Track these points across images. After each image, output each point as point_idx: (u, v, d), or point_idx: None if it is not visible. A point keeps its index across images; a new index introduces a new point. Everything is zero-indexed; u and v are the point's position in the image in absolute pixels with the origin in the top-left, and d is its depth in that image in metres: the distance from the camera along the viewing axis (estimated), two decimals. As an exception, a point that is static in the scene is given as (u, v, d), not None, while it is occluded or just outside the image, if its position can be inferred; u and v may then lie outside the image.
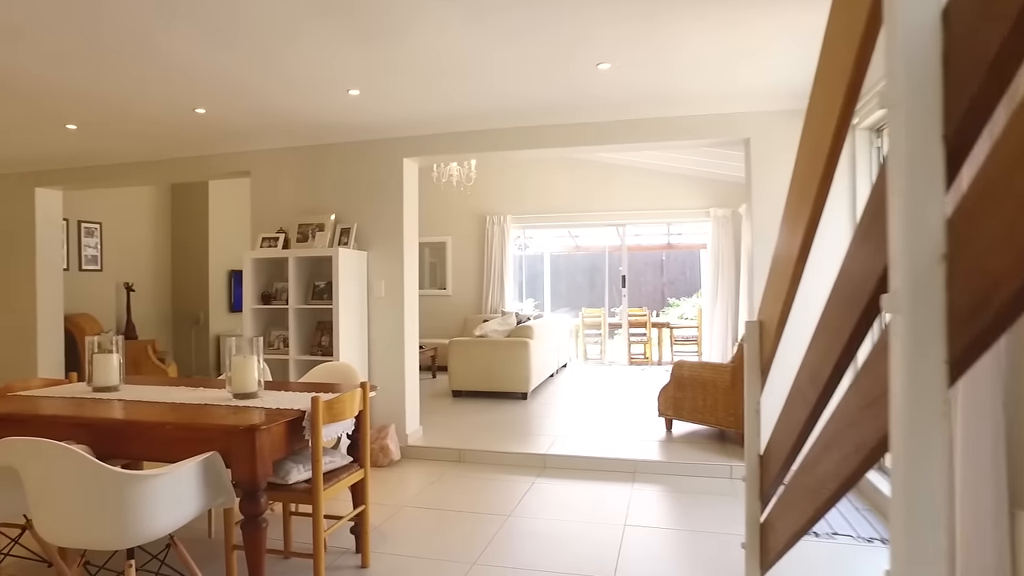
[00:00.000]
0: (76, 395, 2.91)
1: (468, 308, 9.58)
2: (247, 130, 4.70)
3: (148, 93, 3.79)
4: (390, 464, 4.52)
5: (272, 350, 4.92)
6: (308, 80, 3.60)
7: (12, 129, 4.59)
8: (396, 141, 4.86)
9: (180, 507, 2.12)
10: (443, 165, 7.68)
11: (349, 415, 2.72)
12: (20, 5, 2.62)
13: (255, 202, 5.25)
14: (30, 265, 5.98)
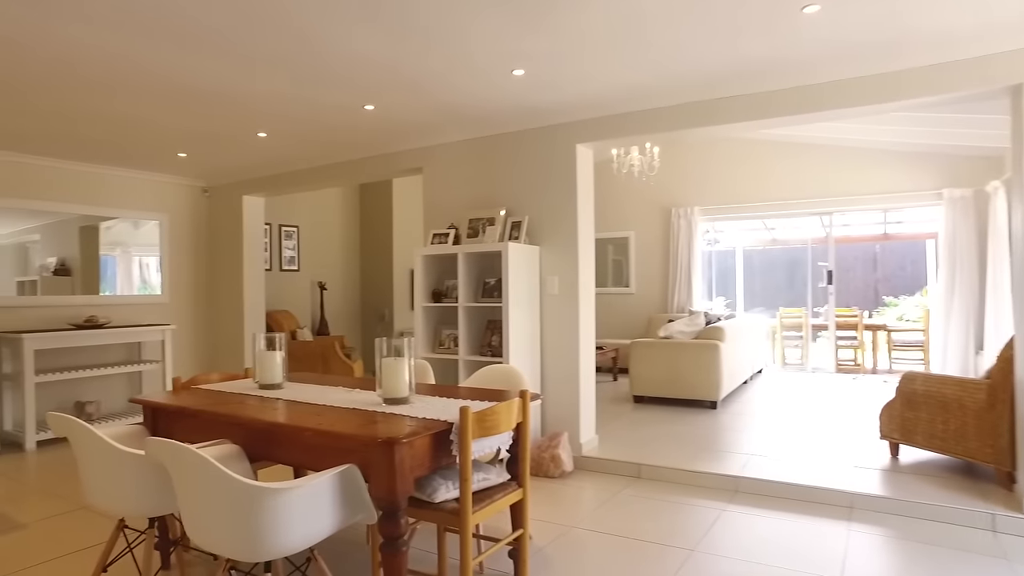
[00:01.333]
0: (243, 391, 2.92)
1: (652, 307, 8.99)
2: (416, 125, 4.62)
3: (319, 93, 3.81)
4: (561, 476, 4.17)
5: (442, 349, 4.81)
6: (469, 62, 3.36)
7: (216, 141, 4.96)
8: (567, 126, 4.50)
9: (314, 523, 1.93)
10: (624, 155, 7.20)
11: (504, 428, 2.39)
12: (204, 18, 2.66)
13: (427, 198, 5.20)
14: (239, 266, 6.53)
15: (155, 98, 3.89)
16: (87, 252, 6.03)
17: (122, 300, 6.15)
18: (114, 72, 3.43)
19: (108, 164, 5.88)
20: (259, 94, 3.85)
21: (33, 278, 5.68)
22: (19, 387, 5.02)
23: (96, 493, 2.31)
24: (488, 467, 2.52)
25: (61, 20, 2.79)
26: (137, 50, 3.13)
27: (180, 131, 4.70)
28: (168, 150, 5.33)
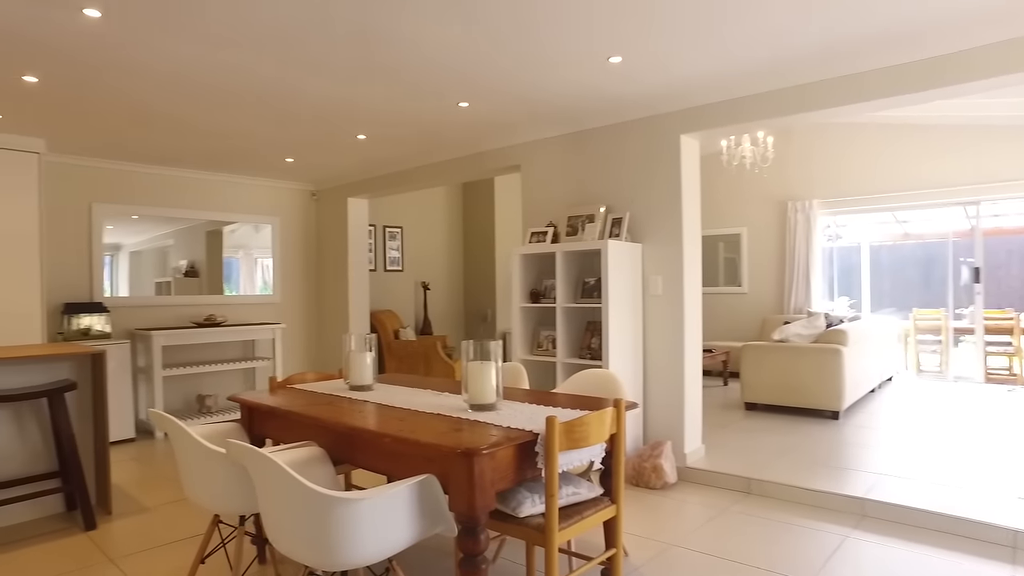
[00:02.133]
0: (333, 392, 2.92)
1: (767, 308, 8.43)
2: (512, 121, 4.52)
3: (411, 93, 3.79)
4: (663, 487, 3.92)
5: (540, 351, 4.68)
6: (562, 51, 3.20)
7: (319, 146, 5.10)
8: (669, 116, 4.23)
9: (389, 534, 1.84)
10: (734, 146, 6.77)
11: (595, 440, 2.22)
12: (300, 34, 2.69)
13: (526, 196, 5.09)
14: (344, 267, 6.72)
15: (260, 109, 4.03)
16: (212, 255, 6.42)
17: (239, 300, 6.49)
18: (224, 87, 3.57)
19: (227, 172, 6.22)
20: (354, 98, 3.88)
21: (168, 279, 6.13)
22: (150, 380, 5.40)
23: (191, 488, 2.37)
24: (579, 481, 2.36)
25: (178, 40, 2.90)
26: (244, 66, 3.23)
27: (285, 139, 4.87)
28: (276, 157, 5.55)
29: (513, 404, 2.57)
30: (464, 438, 1.99)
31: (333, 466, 2.37)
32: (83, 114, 4.15)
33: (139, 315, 5.81)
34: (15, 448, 3.46)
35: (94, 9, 2.70)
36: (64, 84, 3.58)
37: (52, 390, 3.33)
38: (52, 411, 3.36)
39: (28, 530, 3.36)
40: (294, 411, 2.52)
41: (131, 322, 5.74)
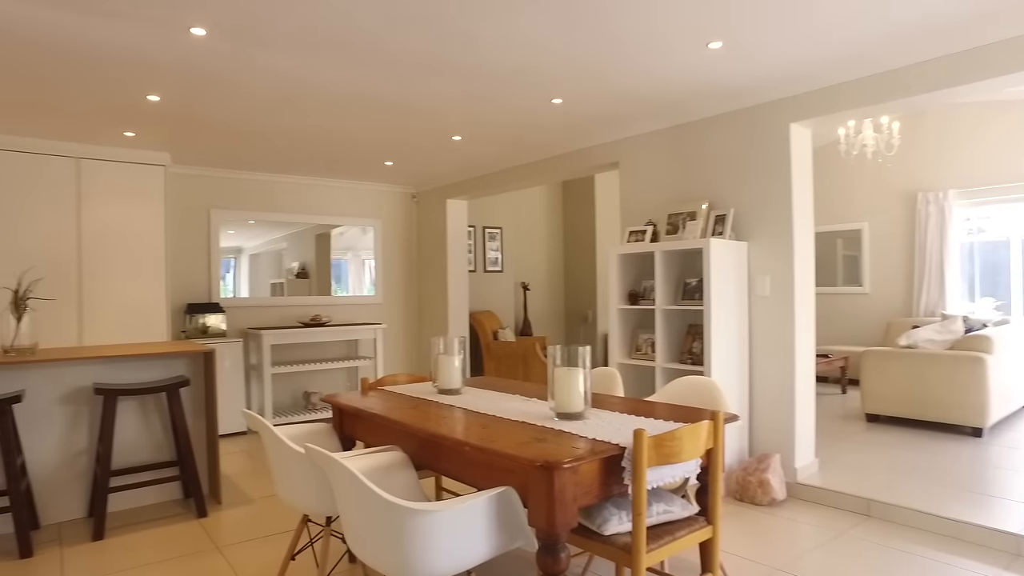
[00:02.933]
0: (421, 395, 2.90)
1: (892, 310, 7.72)
2: (608, 116, 4.36)
3: (503, 91, 3.73)
4: (771, 504, 3.63)
5: (639, 355, 4.49)
6: (657, 39, 3.02)
7: (416, 148, 5.16)
8: (777, 104, 3.92)
9: (465, 547, 1.77)
10: (853, 134, 6.23)
11: (689, 455, 2.04)
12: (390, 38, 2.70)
13: (624, 194, 4.91)
14: (443, 268, 6.80)
15: (360, 114, 4.11)
16: (321, 257, 6.70)
17: (343, 301, 6.72)
18: (325, 94, 3.66)
19: (332, 177, 6.46)
20: (447, 99, 3.87)
21: (281, 280, 6.46)
22: (261, 376, 5.69)
23: (280, 487, 2.41)
24: (671, 498, 2.19)
25: (278, 51, 3.00)
26: (344, 73, 3.29)
27: (384, 142, 4.96)
28: (377, 160, 5.68)
29: (602, 413, 2.44)
30: (546, 450, 1.88)
31: (415, 472, 2.33)
32: (200, 128, 4.41)
33: (252, 315, 6.14)
34: (141, 437, 3.73)
35: (200, 28, 2.83)
36: (181, 101, 3.80)
37: (169, 385, 3.55)
38: (170, 405, 3.58)
39: (150, 512, 3.61)
40: (379, 414, 2.51)
41: (244, 321, 6.08)
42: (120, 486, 3.41)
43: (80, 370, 3.55)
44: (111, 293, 4.92)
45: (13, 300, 3.45)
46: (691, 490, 2.32)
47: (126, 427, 3.69)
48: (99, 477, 3.31)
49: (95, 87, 3.56)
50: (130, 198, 5.01)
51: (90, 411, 3.58)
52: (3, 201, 4.54)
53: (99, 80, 3.45)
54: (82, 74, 3.35)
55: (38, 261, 4.64)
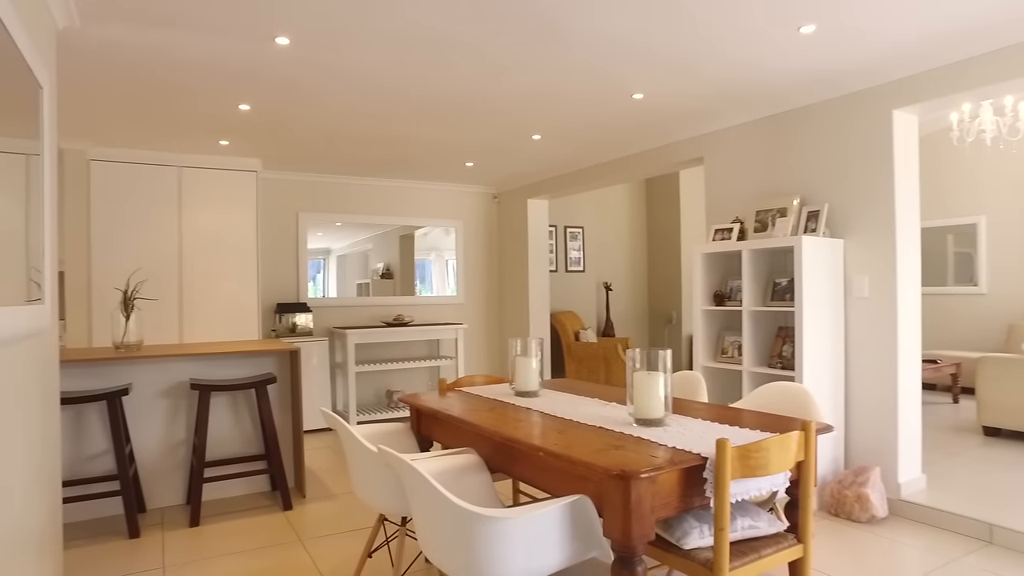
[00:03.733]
0: (498, 397, 2.87)
1: (1013, 312, 7.05)
2: (691, 110, 4.19)
3: (582, 87, 3.65)
4: (870, 521, 3.37)
5: (724, 358, 4.29)
6: (744, 25, 2.86)
7: (496, 148, 5.15)
8: (878, 90, 3.64)
9: (537, 556, 1.71)
10: (969, 119, 5.72)
11: (777, 468, 1.90)
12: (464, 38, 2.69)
13: (709, 190, 4.72)
14: (524, 268, 6.78)
15: (440, 115, 4.14)
16: (405, 257, 6.84)
17: (425, 301, 6.83)
18: (405, 97, 3.71)
19: (415, 179, 6.57)
20: (526, 97, 3.84)
21: (367, 281, 6.64)
22: (346, 374, 5.86)
23: (357, 485, 2.44)
24: (758, 512, 2.05)
25: (358, 55, 3.06)
26: (423, 74, 3.32)
27: (464, 143, 4.98)
28: (458, 161, 5.72)
29: (684, 420, 2.32)
30: (623, 458, 1.80)
31: (490, 475, 2.30)
32: (288, 134, 4.58)
33: (337, 314, 6.33)
34: (232, 431, 3.90)
35: (284, 37, 2.92)
36: (270, 108, 3.95)
37: (258, 382, 3.69)
38: (258, 400, 3.73)
39: (240, 503, 3.77)
40: (455, 416, 2.50)
41: (330, 320, 6.28)
42: (213, 476, 3.58)
43: (179, 366, 3.76)
44: (208, 293, 5.19)
45: (123, 300, 3.69)
46: (780, 504, 2.17)
47: (219, 421, 3.87)
48: (195, 467, 3.49)
49: (193, 100, 3.76)
50: (225, 203, 5.27)
51: (187, 405, 3.78)
52: (115, 209, 4.88)
53: (196, 93, 3.63)
54: (181, 88, 3.53)
55: (144, 264, 4.96)
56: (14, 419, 1.75)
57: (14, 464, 1.74)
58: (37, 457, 2.06)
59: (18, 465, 1.80)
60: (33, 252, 2.04)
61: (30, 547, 1.93)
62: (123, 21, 2.74)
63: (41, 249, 2.12)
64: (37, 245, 2.08)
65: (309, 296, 6.22)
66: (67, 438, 3.47)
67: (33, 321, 1.93)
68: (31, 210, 2.04)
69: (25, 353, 1.91)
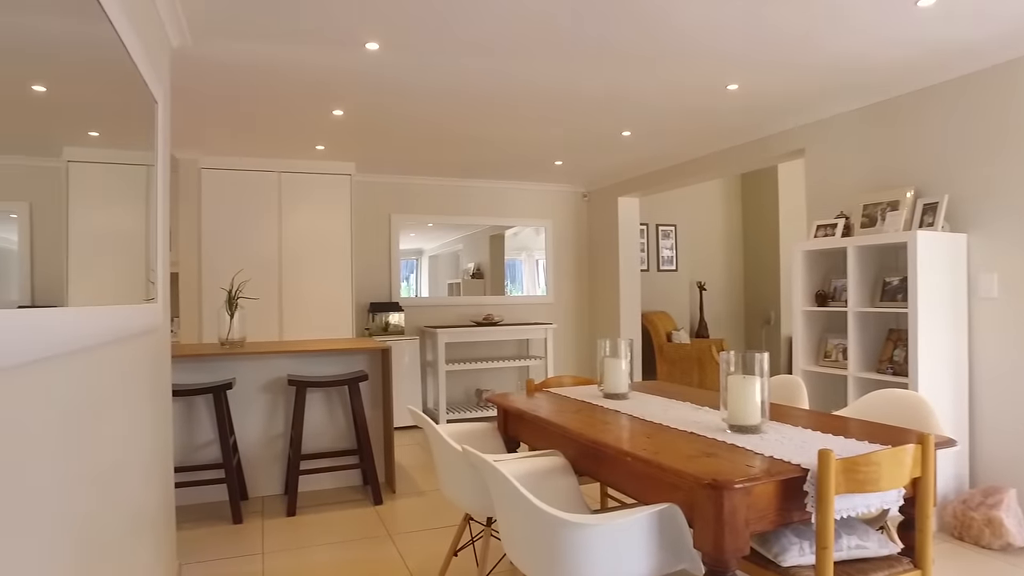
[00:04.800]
0: (586, 398, 2.81)
1: None
2: (790, 100, 3.96)
3: (673, 79, 3.52)
4: (1003, 549, 3.05)
5: (827, 362, 4.03)
6: (853, 3, 2.65)
7: (585, 146, 5.08)
8: (1013, 65, 3.29)
9: (623, 565, 1.65)
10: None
11: (889, 484, 1.74)
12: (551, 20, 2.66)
13: (811, 184, 4.45)
14: (614, 267, 6.65)
15: (529, 114, 4.13)
16: (495, 257, 6.89)
17: (514, 300, 6.84)
18: (494, 96, 3.72)
19: (504, 179, 6.60)
20: (614, 91, 3.75)
21: (458, 280, 6.76)
22: (436, 373, 5.96)
23: (443, 484, 2.45)
24: (866, 531, 1.89)
25: (447, 57, 3.09)
26: (512, 72, 3.31)
27: (553, 142, 4.94)
28: (547, 160, 5.69)
29: (783, 428, 2.18)
30: (715, 466, 1.70)
31: (576, 479, 2.25)
32: (379, 137, 4.71)
33: (428, 313, 6.45)
34: (327, 426, 4.05)
35: (374, 43, 2.99)
36: (362, 113, 4.07)
37: (351, 379, 3.80)
38: (351, 397, 3.84)
39: (333, 496, 3.90)
40: (541, 416, 2.47)
41: (422, 320, 6.41)
42: (309, 469, 3.72)
43: (278, 362, 3.93)
44: (305, 293, 5.42)
45: (227, 299, 3.91)
46: (892, 523, 1.99)
47: (314, 415, 4.02)
48: (292, 459, 3.63)
49: (291, 108, 3.93)
50: (321, 206, 5.49)
51: (286, 399, 3.95)
52: (222, 214, 5.20)
53: (293, 100, 3.79)
54: (280, 97, 3.70)
55: (248, 265, 5.25)
56: (132, 407, 1.87)
57: (132, 447, 1.86)
58: (152, 442, 2.20)
59: (135, 448, 1.92)
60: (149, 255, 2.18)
61: (147, 523, 2.06)
62: (229, 38, 2.89)
63: (155, 252, 2.27)
64: (152, 249, 2.22)
65: (401, 295, 6.37)
66: (179, 428, 3.71)
67: (148, 319, 2.06)
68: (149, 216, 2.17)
69: (141, 347, 2.04)
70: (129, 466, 1.85)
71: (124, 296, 1.82)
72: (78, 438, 1.35)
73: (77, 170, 1.47)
